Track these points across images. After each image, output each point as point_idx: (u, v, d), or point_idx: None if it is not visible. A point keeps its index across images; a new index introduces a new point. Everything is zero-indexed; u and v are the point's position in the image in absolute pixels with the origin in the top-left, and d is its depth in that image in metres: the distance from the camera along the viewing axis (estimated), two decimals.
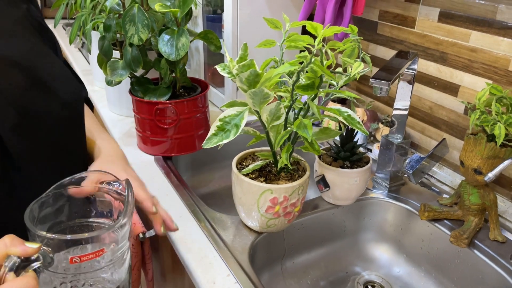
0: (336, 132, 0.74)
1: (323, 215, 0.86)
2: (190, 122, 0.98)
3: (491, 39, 0.80)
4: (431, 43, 0.92)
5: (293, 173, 0.74)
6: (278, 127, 0.69)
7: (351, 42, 0.68)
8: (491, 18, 0.79)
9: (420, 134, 1.00)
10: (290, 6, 1.16)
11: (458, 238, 0.76)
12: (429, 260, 0.84)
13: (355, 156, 0.82)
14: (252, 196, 0.71)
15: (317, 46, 0.57)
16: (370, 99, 1.12)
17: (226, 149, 1.14)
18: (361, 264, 0.89)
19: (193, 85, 1.05)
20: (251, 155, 0.80)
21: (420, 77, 0.96)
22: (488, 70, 0.82)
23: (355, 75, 0.66)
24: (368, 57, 0.69)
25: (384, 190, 0.91)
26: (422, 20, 0.93)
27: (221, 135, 0.64)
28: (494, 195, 0.77)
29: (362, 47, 1.11)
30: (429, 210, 0.82)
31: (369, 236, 0.91)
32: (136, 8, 0.85)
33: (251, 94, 0.61)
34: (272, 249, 0.82)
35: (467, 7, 0.83)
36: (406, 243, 0.88)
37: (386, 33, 1.03)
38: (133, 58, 0.90)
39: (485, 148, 0.70)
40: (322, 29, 0.58)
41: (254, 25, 1.12)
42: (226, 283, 0.65)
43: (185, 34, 0.87)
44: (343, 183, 0.82)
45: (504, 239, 0.76)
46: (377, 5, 1.04)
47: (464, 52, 0.86)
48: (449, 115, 0.92)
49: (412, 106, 1.00)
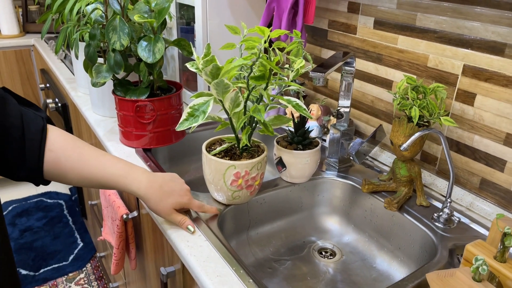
0: (288, 118, 0.90)
1: (282, 192, 1.01)
2: (166, 117, 1.12)
3: (413, 42, 0.98)
4: (369, 46, 1.10)
5: (253, 153, 0.89)
6: (239, 113, 0.84)
7: (296, 43, 0.84)
8: (412, 24, 0.98)
9: (365, 124, 1.17)
10: (252, 17, 1.32)
11: (390, 203, 0.92)
12: (371, 227, 1.00)
13: (307, 140, 0.98)
14: (219, 172, 0.85)
15: (264, 45, 0.73)
16: (324, 96, 1.29)
17: (198, 145, 1.28)
18: (316, 234, 1.04)
19: (169, 87, 1.19)
20: (218, 141, 0.94)
21: (363, 75, 1.13)
22: (412, 66, 1.00)
23: (299, 70, 0.82)
24: (309, 56, 0.86)
25: (335, 171, 1.07)
26: (361, 28, 1.11)
27: (191, 120, 0.79)
28: (419, 168, 0.94)
29: (315, 51, 1.29)
30: (369, 184, 0.98)
31: (322, 210, 1.07)
32: (118, 18, 0.99)
33: (214, 85, 0.77)
34: (238, 220, 0.96)
35: (394, 16, 1.01)
36: (352, 214, 1.04)
37: (335, 39, 1.20)
38: (116, 62, 1.04)
39: (406, 128, 0.87)
40: (268, 32, 0.74)
41: (221, 33, 1.28)
42: (197, 241, 0.78)
43: (161, 41, 1.01)
44: (297, 163, 0.97)
45: (428, 204, 0.93)
46: (326, 16, 1.21)
47: (394, 53, 1.03)
48: (386, 106, 1.09)
49: (357, 101, 1.17)
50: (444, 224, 0.86)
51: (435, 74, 0.95)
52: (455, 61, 0.90)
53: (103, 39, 1.07)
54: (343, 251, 1.00)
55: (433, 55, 0.95)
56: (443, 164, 0.98)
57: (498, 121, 0.85)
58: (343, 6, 1.15)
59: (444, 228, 0.86)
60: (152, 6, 1.05)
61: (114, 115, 1.32)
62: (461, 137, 0.93)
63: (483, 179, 0.90)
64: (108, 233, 1.23)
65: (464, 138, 0.92)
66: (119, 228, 1.07)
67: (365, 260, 0.97)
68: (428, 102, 0.85)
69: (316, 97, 1.32)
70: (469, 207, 0.92)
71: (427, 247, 0.86)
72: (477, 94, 0.88)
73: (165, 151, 1.23)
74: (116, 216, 1.08)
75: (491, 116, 0.86)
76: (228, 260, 0.74)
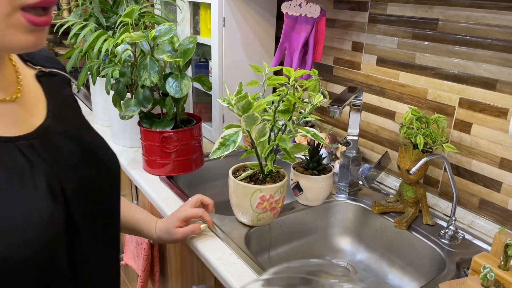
0: (305, 146, 1.00)
1: (298, 214, 1.10)
2: (188, 147, 1.21)
3: (413, 77, 1.10)
4: (373, 81, 1.22)
5: (275, 178, 0.99)
6: (264, 142, 0.94)
7: (314, 80, 0.95)
8: (412, 62, 1.10)
9: (370, 151, 1.27)
10: (264, 55, 1.45)
11: (400, 222, 1.01)
12: (382, 245, 1.08)
13: (321, 166, 1.08)
14: (246, 196, 0.94)
15: (291, 83, 0.84)
16: (330, 126, 1.40)
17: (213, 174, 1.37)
18: (330, 253, 1.12)
19: (189, 119, 1.29)
20: (242, 167, 1.03)
21: (367, 107, 1.25)
22: (413, 99, 1.11)
23: (317, 104, 0.93)
24: (326, 91, 0.97)
25: (345, 195, 1.16)
26: (365, 64, 1.23)
27: (222, 148, 0.89)
28: (424, 190, 1.04)
29: (322, 84, 1.40)
30: (379, 205, 1.07)
31: (335, 230, 1.15)
32: (149, 58, 1.10)
33: (245, 117, 0.86)
34: (261, 241, 1.04)
35: (395, 54, 1.14)
36: (364, 234, 1.12)
37: (340, 74, 1.33)
38: (145, 97, 1.14)
39: (412, 154, 0.98)
40: (293, 72, 0.85)
41: (236, 70, 1.40)
42: (230, 259, 0.86)
43: (187, 77, 1.12)
44: (313, 187, 1.06)
45: (434, 223, 1.02)
46: (332, 54, 1.34)
47: (396, 87, 1.15)
48: (390, 135, 1.20)
49: (362, 130, 1.28)
50: (450, 241, 0.95)
51: (435, 106, 1.07)
52: (452, 94, 1.02)
53: (132, 76, 1.17)
54: (356, 268, 1.08)
55: (431, 89, 1.06)
56: (445, 187, 1.08)
57: (493, 147, 0.96)
58: (348, 45, 1.27)
59: (450, 244, 0.95)
60: (175, 46, 1.16)
61: (135, 145, 1.40)
62: (460, 162, 1.03)
63: (482, 199, 1.00)
64: (130, 258, 1.28)
65: (463, 163, 1.03)
66: (146, 251, 1.13)
67: (377, 277, 1.05)
68: (431, 130, 0.96)
69: (323, 127, 1.43)
70: (471, 225, 1.02)
71: (435, 262, 0.95)
72: (473, 124, 0.99)
73: (185, 179, 1.31)
74: (142, 240, 1.14)
75: (486, 143, 0.97)
76: (258, 272, 0.81)
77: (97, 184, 0.57)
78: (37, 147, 0.50)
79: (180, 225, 0.89)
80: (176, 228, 0.89)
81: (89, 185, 0.56)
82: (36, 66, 0.59)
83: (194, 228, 0.90)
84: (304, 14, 1.21)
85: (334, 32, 1.31)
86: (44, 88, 0.58)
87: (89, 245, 0.55)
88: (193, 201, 0.94)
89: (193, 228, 0.90)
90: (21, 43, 0.45)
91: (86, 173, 0.56)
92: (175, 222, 0.89)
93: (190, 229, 0.90)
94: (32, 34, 0.45)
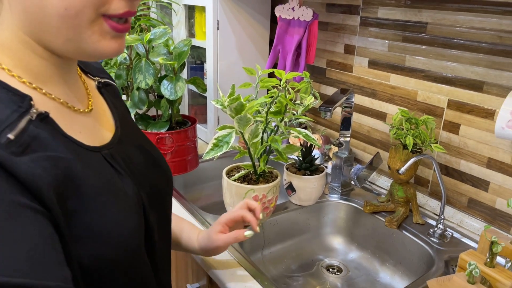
0: (298, 147, 1.01)
1: (291, 214, 1.12)
2: (183, 148, 1.22)
3: (404, 79, 1.13)
4: (364, 83, 1.24)
5: (268, 178, 1.00)
6: (257, 143, 0.96)
7: (305, 83, 0.97)
8: (402, 64, 1.12)
9: (363, 152, 1.29)
10: (258, 58, 1.47)
11: (390, 222, 1.03)
12: (373, 244, 1.10)
13: (313, 166, 1.10)
14: (239, 196, 0.96)
15: (283, 85, 0.86)
16: (324, 127, 1.42)
17: (208, 174, 1.39)
18: (323, 252, 1.14)
19: (184, 120, 1.30)
20: (235, 168, 1.05)
21: (359, 109, 1.27)
22: (404, 101, 1.14)
23: (308, 105, 0.95)
24: (317, 93, 0.99)
25: (338, 195, 1.18)
26: (357, 67, 1.25)
27: (216, 149, 0.90)
28: (414, 189, 1.06)
29: (315, 87, 1.43)
30: (370, 205, 1.09)
31: (328, 230, 1.17)
32: (144, 61, 1.11)
33: (238, 119, 0.88)
34: (254, 241, 1.06)
35: (386, 57, 1.16)
36: (356, 233, 1.14)
37: (333, 76, 1.35)
38: (140, 99, 1.16)
39: (402, 154, 1.00)
40: (285, 74, 0.87)
41: (230, 73, 1.42)
42: (222, 257, 0.88)
43: (181, 80, 1.14)
44: (306, 187, 1.08)
45: (423, 222, 1.05)
46: (325, 56, 1.36)
47: (387, 89, 1.17)
48: (381, 135, 1.22)
49: (355, 131, 1.30)
50: (439, 239, 0.98)
51: (424, 107, 1.09)
52: (441, 96, 1.04)
53: (127, 78, 1.19)
54: (348, 267, 1.10)
55: (421, 91, 1.09)
56: (435, 186, 1.10)
57: (481, 147, 0.98)
58: (340, 48, 1.29)
59: (439, 242, 0.97)
60: (170, 49, 1.18)
61: None
62: (449, 162, 1.05)
63: (471, 199, 1.03)
64: None
65: (452, 163, 1.05)
66: None
67: (369, 275, 1.07)
68: (420, 131, 0.98)
69: (316, 128, 1.45)
70: (460, 223, 1.04)
71: (425, 260, 0.97)
72: (461, 125, 1.01)
73: (181, 180, 1.33)
74: None
75: (474, 143, 0.99)
76: (253, 273, 0.83)
77: (160, 192, 0.59)
78: (116, 157, 0.52)
79: (222, 229, 0.79)
80: (218, 234, 0.78)
81: (156, 193, 0.58)
82: (94, 77, 0.60)
83: (237, 234, 0.77)
84: (297, 18, 1.23)
85: (326, 35, 1.33)
86: (105, 99, 0.59)
87: (159, 244, 0.58)
88: (238, 206, 0.83)
89: (236, 234, 0.77)
90: (104, 49, 0.46)
91: (153, 181, 0.58)
92: (216, 226, 0.79)
93: (232, 235, 0.77)
94: (115, 40, 0.46)
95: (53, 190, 0.40)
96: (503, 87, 0.92)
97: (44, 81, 0.47)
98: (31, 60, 0.45)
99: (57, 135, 0.45)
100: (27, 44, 0.45)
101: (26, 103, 0.42)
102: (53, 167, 0.41)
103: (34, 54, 0.45)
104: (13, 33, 0.44)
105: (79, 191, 0.44)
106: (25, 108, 0.42)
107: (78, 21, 0.43)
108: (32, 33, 0.44)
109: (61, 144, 0.44)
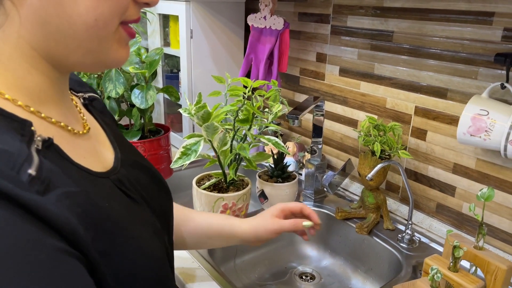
0: (268, 155, 1.02)
1: None
2: (156, 157, 1.22)
3: (373, 87, 1.14)
4: (336, 90, 1.25)
5: (239, 187, 1.00)
6: (226, 151, 0.96)
7: (273, 91, 0.98)
8: (371, 72, 1.14)
9: (336, 159, 1.31)
10: (233, 66, 1.47)
11: (361, 228, 1.04)
12: (346, 251, 1.11)
13: (285, 174, 1.10)
14: (209, 205, 0.95)
15: (248, 93, 0.86)
16: (298, 135, 1.43)
17: (183, 183, 1.38)
18: (296, 260, 1.14)
19: (157, 129, 1.30)
20: (206, 176, 1.05)
21: (331, 116, 1.28)
22: (374, 108, 1.15)
23: (277, 113, 0.95)
24: (285, 101, 1.00)
25: (311, 202, 1.18)
26: (328, 75, 1.27)
27: (184, 158, 0.90)
28: (384, 196, 1.07)
29: (288, 95, 1.44)
30: (342, 211, 1.10)
31: (301, 237, 1.17)
32: (114, 70, 1.11)
33: (205, 127, 0.88)
34: (225, 249, 1.05)
35: (356, 65, 1.18)
36: (329, 240, 1.15)
37: (306, 84, 1.36)
38: (111, 109, 1.15)
39: (371, 161, 1.01)
40: (252, 82, 0.88)
41: (205, 81, 1.42)
42: (191, 266, 0.87)
43: (152, 89, 1.13)
44: (278, 195, 1.08)
45: (394, 228, 1.06)
46: (298, 64, 1.37)
47: (358, 96, 1.19)
48: (353, 142, 1.24)
49: (328, 138, 1.31)
50: (408, 244, 0.99)
51: (393, 114, 1.10)
52: (408, 103, 1.06)
53: (97, 88, 1.18)
54: (321, 274, 1.10)
55: (390, 98, 1.10)
56: (405, 192, 1.12)
57: (446, 153, 1.00)
58: (312, 56, 1.31)
59: (408, 247, 0.98)
60: (142, 58, 1.18)
61: None
62: (417, 168, 1.07)
63: (439, 204, 1.04)
64: None
65: (420, 168, 1.06)
66: None
67: (341, 282, 1.07)
68: (387, 138, 0.99)
69: (291, 136, 1.46)
70: (429, 228, 1.05)
71: (394, 265, 0.98)
72: (427, 131, 1.03)
73: None
74: None
75: (440, 149, 1.01)
76: (221, 282, 0.83)
77: (166, 211, 0.57)
78: (124, 182, 0.48)
79: (279, 214, 0.76)
80: (274, 218, 0.75)
81: (164, 213, 0.56)
82: (78, 93, 0.55)
83: (296, 222, 0.75)
84: (268, 26, 1.25)
85: (299, 44, 1.34)
86: (95, 117, 0.54)
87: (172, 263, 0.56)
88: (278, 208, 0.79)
89: (295, 222, 0.75)
90: (121, 57, 0.44)
91: (160, 201, 0.55)
92: (273, 210, 0.76)
93: (291, 222, 0.76)
94: (127, 48, 0.44)
95: (84, 231, 0.36)
96: (465, 94, 0.94)
97: (41, 101, 0.42)
98: (30, 77, 0.40)
99: (65, 164, 0.40)
100: (31, 59, 0.40)
101: (27, 130, 0.36)
102: (73, 204, 0.36)
103: (36, 71, 0.41)
104: (16, 47, 0.39)
105: (103, 229, 0.39)
106: (28, 136, 0.36)
107: (106, 32, 0.40)
108: (44, 46, 0.40)
109: (73, 174, 0.39)
